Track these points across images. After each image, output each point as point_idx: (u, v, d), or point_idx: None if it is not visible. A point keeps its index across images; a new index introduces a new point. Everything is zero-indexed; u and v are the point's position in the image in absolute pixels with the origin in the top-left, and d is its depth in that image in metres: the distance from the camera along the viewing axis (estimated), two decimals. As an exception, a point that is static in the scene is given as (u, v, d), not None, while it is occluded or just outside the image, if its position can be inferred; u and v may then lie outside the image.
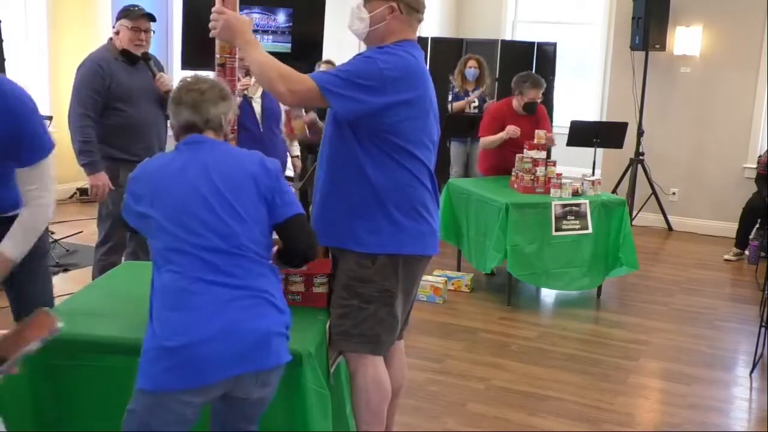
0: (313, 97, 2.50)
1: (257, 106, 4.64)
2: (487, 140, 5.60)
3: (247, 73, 4.62)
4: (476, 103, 7.11)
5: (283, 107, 5.03)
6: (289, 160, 5.07)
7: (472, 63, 7.17)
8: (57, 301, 2.83)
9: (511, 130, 5.45)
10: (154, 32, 4.17)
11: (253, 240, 2.16)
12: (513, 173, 5.33)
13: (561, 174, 5.19)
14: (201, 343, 2.00)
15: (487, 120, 5.68)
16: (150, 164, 2.24)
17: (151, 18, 4.11)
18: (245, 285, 2.09)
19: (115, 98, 3.98)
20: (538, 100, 5.59)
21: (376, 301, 2.61)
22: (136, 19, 4.03)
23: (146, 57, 4.13)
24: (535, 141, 5.29)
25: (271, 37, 7.37)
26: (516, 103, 5.60)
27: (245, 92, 4.55)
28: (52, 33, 7.38)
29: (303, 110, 5.29)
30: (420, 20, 2.66)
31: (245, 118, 4.52)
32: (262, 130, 4.60)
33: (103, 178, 3.98)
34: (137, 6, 4.12)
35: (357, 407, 2.72)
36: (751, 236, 6.61)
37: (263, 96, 4.69)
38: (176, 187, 2.14)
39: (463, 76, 7.18)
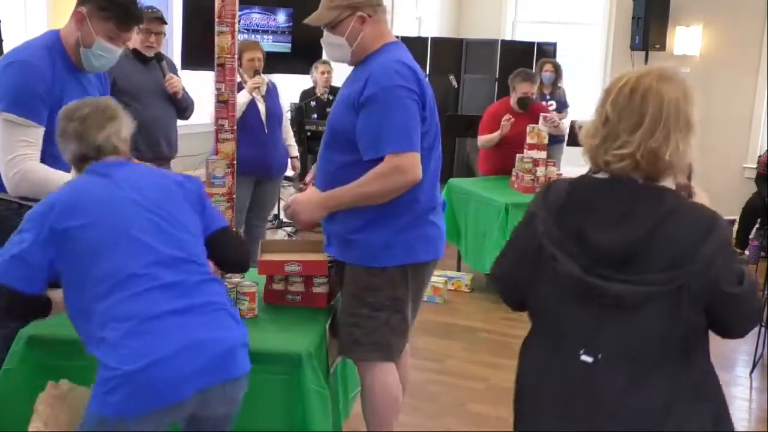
0: (419, 160, 2.46)
1: (261, 107, 4.68)
2: (484, 138, 5.58)
3: (256, 72, 4.66)
4: (554, 106, 7.15)
5: (284, 110, 5.06)
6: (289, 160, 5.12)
7: (548, 67, 7.25)
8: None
9: (505, 124, 5.39)
10: (165, 35, 4.21)
11: (198, 252, 2.10)
12: (513, 173, 5.33)
13: (561, 174, 5.18)
14: (167, 359, 1.89)
15: (485, 119, 5.68)
16: (68, 192, 2.04)
17: (163, 21, 4.16)
18: (202, 299, 2.01)
19: (120, 93, 3.98)
20: (532, 94, 5.57)
21: (386, 308, 2.57)
22: (148, 21, 4.08)
23: (159, 57, 4.18)
24: (534, 140, 5.27)
25: (271, 37, 7.37)
26: (512, 100, 5.59)
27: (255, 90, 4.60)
28: (52, 33, 7.38)
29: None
30: (385, 11, 2.59)
31: (251, 118, 4.57)
32: (266, 131, 4.64)
33: None
34: (151, 8, 4.20)
35: (365, 412, 2.71)
36: (751, 236, 6.61)
37: (266, 97, 4.72)
38: (110, 208, 2.00)
39: (539, 80, 7.26)
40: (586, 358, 1.71)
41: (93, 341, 1.96)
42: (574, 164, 8.16)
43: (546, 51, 8.83)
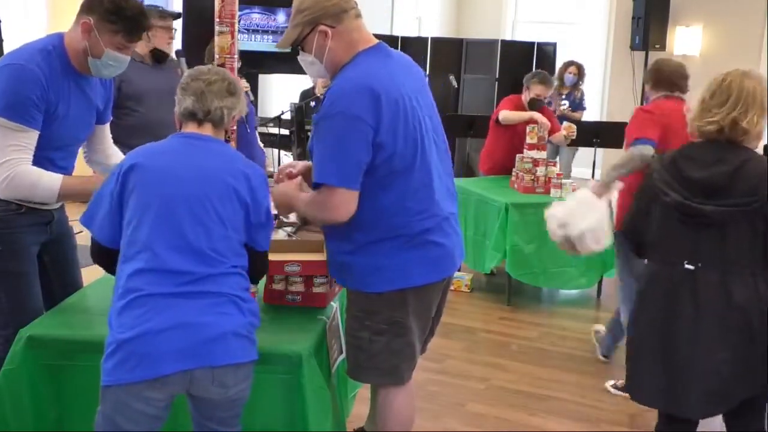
0: (353, 198, 2.33)
1: None
2: (510, 114, 5.48)
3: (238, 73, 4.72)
4: (566, 105, 7.24)
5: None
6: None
7: (572, 69, 7.38)
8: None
9: (542, 121, 5.33)
10: (175, 30, 4.27)
11: (230, 248, 2.15)
12: (513, 173, 5.33)
13: (561, 174, 5.19)
14: (153, 334, 1.99)
15: (503, 104, 5.65)
16: (145, 154, 2.21)
17: (177, 15, 4.31)
18: (207, 288, 2.08)
19: (125, 98, 3.99)
20: (544, 98, 5.57)
21: (386, 332, 2.48)
22: (165, 19, 4.16)
23: (178, 54, 4.23)
24: (534, 140, 5.26)
25: (271, 36, 7.38)
26: (524, 98, 5.58)
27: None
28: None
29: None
30: (356, 15, 2.40)
31: None
32: (248, 130, 4.69)
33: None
34: (154, 6, 4.31)
35: (376, 426, 2.68)
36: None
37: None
38: (166, 184, 2.11)
39: (561, 80, 7.38)
40: (689, 267, 2.48)
41: (114, 303, 2.09)
42: (574, 164, 8.20)
43: (546, 51, 8.83)
